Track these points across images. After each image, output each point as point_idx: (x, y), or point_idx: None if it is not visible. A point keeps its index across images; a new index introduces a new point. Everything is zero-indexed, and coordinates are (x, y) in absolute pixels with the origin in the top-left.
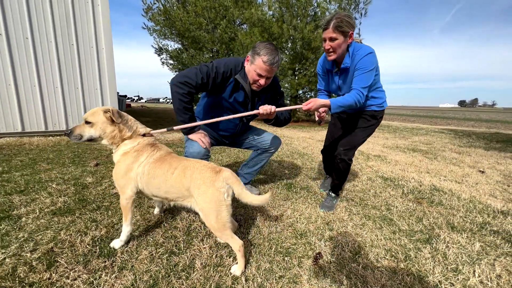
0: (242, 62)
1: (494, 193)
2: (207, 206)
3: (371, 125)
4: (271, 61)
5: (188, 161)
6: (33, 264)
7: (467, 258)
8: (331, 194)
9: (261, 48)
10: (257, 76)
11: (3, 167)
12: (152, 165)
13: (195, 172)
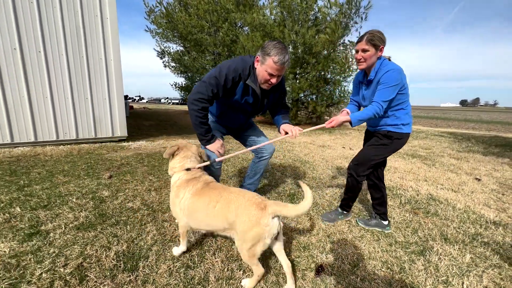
0: (250, 64)
1: (488, 202)
2: (247, 240)
3: (382, 144)
4: (282, 61)
5: (230, 193)
6: (67, 278)
7: (457, 270)
8: (338, 209)
9: (271, 48)
10: (269, 75)
11: (24, 180)
12: (191, 199)
13: (240, 208)
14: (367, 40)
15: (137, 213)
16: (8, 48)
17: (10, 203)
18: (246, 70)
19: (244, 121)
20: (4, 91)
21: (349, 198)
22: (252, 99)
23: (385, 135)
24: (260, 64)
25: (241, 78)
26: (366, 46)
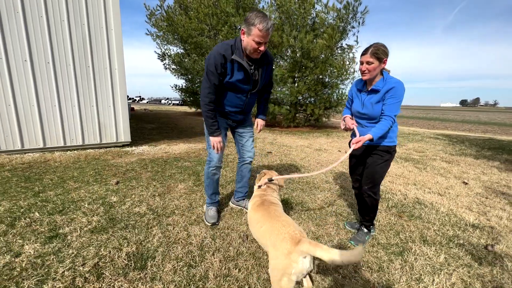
0: (231, 44)
1: (471, 206)
2: (275, 271)
3: (386, 160)
4: (266, 27)
5: (274, 223)
6: (86, 276)
7: (430, 268)
8: (363, 230)
9: (253, 18)
10: (257, 44)
11: (38, 187)
12: (250, 212)
13: (278, 239)
14: (372, 53)
15: (144, 218)
16: (20, 60)
17: (29, 208)
18: (228, 50)
19: (246, 105)
20: (15, 101)
21: (371, 218)
22: (242, 75)
23: (386, 150)
24: (247, 36)
25: (226, 59)
26: (370, 59)
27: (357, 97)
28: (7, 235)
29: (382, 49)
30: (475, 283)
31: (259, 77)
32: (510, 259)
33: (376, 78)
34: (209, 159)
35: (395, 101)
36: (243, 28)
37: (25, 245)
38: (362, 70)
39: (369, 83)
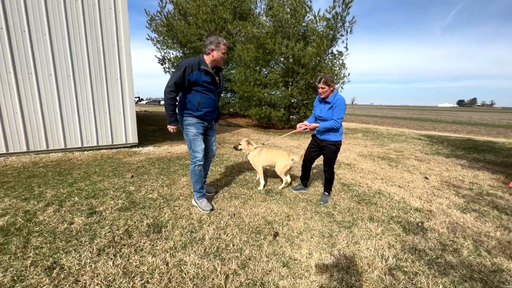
0: (197, 60)
1: (422, 196)
2: (282, 167)
3: (334, 151)
4: (226, 42)
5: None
6: (121, 235)
7: (367, 236)
8: (326, 194)
9: (218, 40)
10: (224, 54)
11: (70, 179)
12: (265, 154)
13: (283, 154)
14: (323, 82)
15: (156, 201)
16: (46, 75)
17: (69, 194)
18: (194, 64)
19: (216, 103)
20: (42, 109)
21: (331, 185)
22: (209, 78)
23: (333, 144)
24: (217, 51)
25: (194, 68)
26: (322, 85)
27: (318, 106)
28: (60, 211)
29: (330, 79)
30: (396, 245)
31: (220, 79)
32: (431, 231)
33: (329, 94)
34: (194, 158)
35: (339, 110)
36: (212, 47)
37: (74, 217)
38: (319, 92)
39: (325, 97)
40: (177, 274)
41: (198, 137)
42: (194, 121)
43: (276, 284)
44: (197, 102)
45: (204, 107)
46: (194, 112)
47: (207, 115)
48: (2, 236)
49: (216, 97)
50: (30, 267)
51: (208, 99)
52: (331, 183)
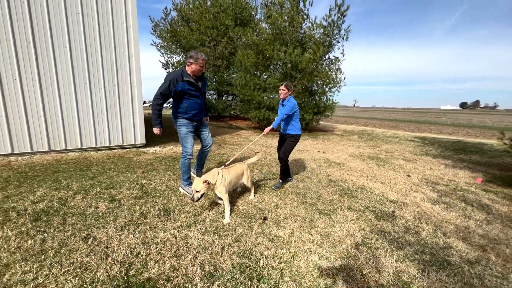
0: (180, 73)
1: (400, 190)
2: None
3: (292, 141)
4: (204, 58)
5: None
6: (138, 217)
7: (343, 221)
8: (280, 181)
9: (197, 55)
10: (202, 67)
11: (89, 174)
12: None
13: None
14: (284, 86)
15: (165, 192)
16: (66, 83)
17: (91, 186)
18: (178, 76)
19: (201, 105)
20: (62, 113)
21: (285, 173)
22: (193, 87)
23: (292, 136)
24: (195, 64)
25: (178, 80)
26: (283, 88)
27: (280, 108)
28: (86, 198)
29: (289, 85)
30: (366, 228)
31: (202, 86)
32: (400, 218)
33: (286, 97)
34: (185, 152)
35: (287, 109)
36: (191, 61)
37: (99, 203)
38: (280, 93)
39: (283, 99)
40: (184, 245)
41: (188, 135)
42: (185, 122)
43: (262, 253)
44: (185, 107)
45: (191, 110)
46: (184, 115)
47: (195, 116)
48: (45, 215)
49: (201, 100)
50: (71, 237)
51: (194, 103)
52: (285, 171)
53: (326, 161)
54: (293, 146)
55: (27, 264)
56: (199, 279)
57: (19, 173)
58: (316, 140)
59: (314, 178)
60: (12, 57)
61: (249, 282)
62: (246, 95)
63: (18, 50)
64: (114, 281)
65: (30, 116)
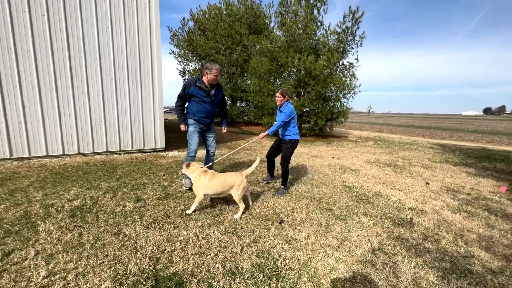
0: (195, 79)
1: (418, 198)
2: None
3: (289, 147)
4: (218, 68)
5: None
6: (162, 216)
7: (359, 226)
8: (282, 187)
9: (211, 66)
10: (216, 76)
11: (116, 176)
12: (208, 181)
13: (227, 179)
14: (279, 93)
15: (185, 194)
16: (95, 91)
17: (118, 186)
18: (193, 82)
19: (209, 111)
20: (91, 119)
21: (286, 179)
22: (203, 93)
23: (289, 141)
24: (209, 74)
25: (192, 85)
26: (279, 95)
27: (278, 112)
28: (115, 198)
29: (285, 91)
30: (383, 234)
31: (214, 94)
32: (418, 225)
33: (283, 103)
34: (189, 149)
35: (284, 115)
36: (207, 71)
37: (126, 202)
38: (276, 100)
39: (280, 106)
40: (205, 244)
41: (194, 133)
42: (192, 122)
43: (280, 254)
44: (194, 109)
45: (198, 113)
46: (192, 116)
47: (201, 119)
48: (79, 212)
49: (211, 107)
50: (104, 232)
51: (202, 108)
52: (286, 177)
53: (341, 167)
54: (291, 152)
55: (68, 255)
56: (221, 276)
57: (54, 174)
58: (330, 146)
59: (329, 184)
60: (50, 68)
61: (269, 281)
62: (260, 101)
63: (55, 62)
64: (144, 274)
65: (63, 121)
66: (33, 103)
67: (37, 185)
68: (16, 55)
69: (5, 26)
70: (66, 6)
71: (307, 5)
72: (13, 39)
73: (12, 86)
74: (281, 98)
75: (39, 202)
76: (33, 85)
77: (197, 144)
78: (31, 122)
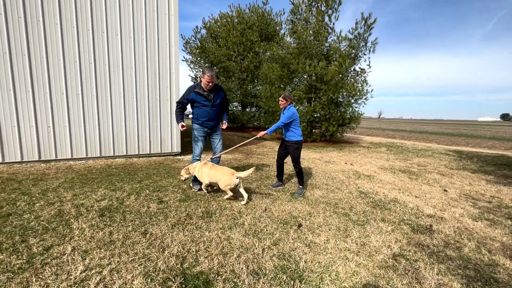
0: (195, 85)
1: (436, 205)
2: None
3: (296, 148)
4: (211, 74)
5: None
6: (184, 217)
7: (378, 232)
8: (300, 187)
9: (205, 71)
10: (207, 82)
11: (137, 178)
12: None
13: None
14: (282, 97)
15: (204, 196)
16: (117, 96)
17: (141, 188)
18: (192, 89)
19: (211, 114)
20: (112, 124)
21: (302, 179)
22: (202, 97)
23: (295, 143)
24: (203, 79)
25: (191, 91)
26: (281, 99)
27: (282, 114)
28: (139, 199)
29: (287, 95)
30: (403, 240)
31: (213, 98)
32: (438, 232)
33: (286, 106)
34: (193, 154)
35: (285, 117)
36: (202, 75)
37: (150, 204)
38: (280, 104)
39: (284, 108)
40: (227, 245)
41: (198, 139)
42: (197, 126)
43: (300, 256)
44: (197, 114)
45: (201, 117)
46: (196, 120)
47: (204, 123)
48: (108, 212)
49: (212, 110)
50: (132, 231)
51: (204, 112)
52: (301, 176)
53: (354, 173)
54: (299, 152)
55: (101, 251)
56: (245, 276)
57: (81, 175)
58: (342, 151)
59: (344, 189)
60: (78, 76)
61: (292, 282)
62: (271, 106)
63: (82, 70)
64: (173, 271)
65: (87, 126)
66: (61, 108)
67: (66, 186)
68: (48, 64)
69: (39, 38)
70: (93, 18)
71: (318, 13)
72: (45, 50)
73: (43, 93)
74: (284, 102)
75: (70, 202)
76: (61, 92)
77: (201, 148)
78: (58, 126)
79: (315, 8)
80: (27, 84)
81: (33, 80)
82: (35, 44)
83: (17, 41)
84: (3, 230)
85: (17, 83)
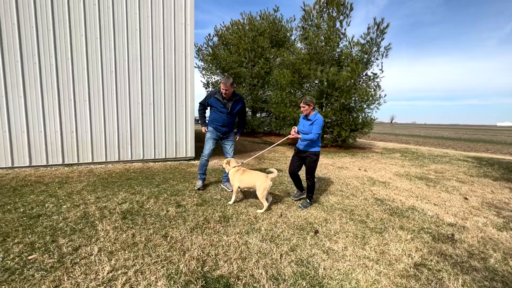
0: (216, 91)
1: (457, 213)
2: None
3: (315, 160)
4: (225, 83)
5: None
6: (203, 222)
7: (397, 240)
8: (308, 201)
9: (222, 79)
10: (222, 89)
11: (154, 182)
12: (241, 175)
13: (262, 176)
14: (303, 102)
15: (220, 201)
16: (135, 103)
17: (159, 192)
18: (213, 94)
19: (226, 121)
20: (131, 129)
21: (312, 192)
22: (220, 104)
23: (314, 154)
24: (221, 86)
25: (212, 96)
26: (303, 105)
27: (302, 122)
28: (158, 203)
29: (309, 100)
30: (424, 249)
31: (230, 106)
32: (461, 242)
33: (311, 112)
34: (203, 153)
35: (317, 126)
36: (221, 84)
37: (168, 207)
38: (302, 110)
39: (307, 115)
40: (246, 249)
41: (209, 140)
42: (211, 129)
43: (319, 263)
44: (212, 117)
45: (216, 122)
46: (210, 124)
47: (218, 127)
48: (129, 215)
49: (228, 117)
50: (153, 234)
51: (219, 117)
52: (312, 190)
53: (369, 179)
54: (316, 164)
55: (125, 253)
56: (265, 281)
57: (102, 179)
58: (354, 157)
59: (359, 196)
60: (100, 84)
61: None
62: (282, 112)
63: (104, 78)
64: (194, 274)
65: (108, 131)
66: (84, 115)
67: (89, 189)
68: (73, 73)
69: (65, 47)
70: (115, 28)
71: (329, 18)
72: (71, 59)
73: (67, 100)
74: (306, 107)
75: (94, 204)
76: (84, 99)
77: (210, 149)
78: (81, 131)
79: (327, 14)
80: (54, 92)
81: (59, 89)
82: (63, 56)
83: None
84: (35, 230)
85: (45, 92)
